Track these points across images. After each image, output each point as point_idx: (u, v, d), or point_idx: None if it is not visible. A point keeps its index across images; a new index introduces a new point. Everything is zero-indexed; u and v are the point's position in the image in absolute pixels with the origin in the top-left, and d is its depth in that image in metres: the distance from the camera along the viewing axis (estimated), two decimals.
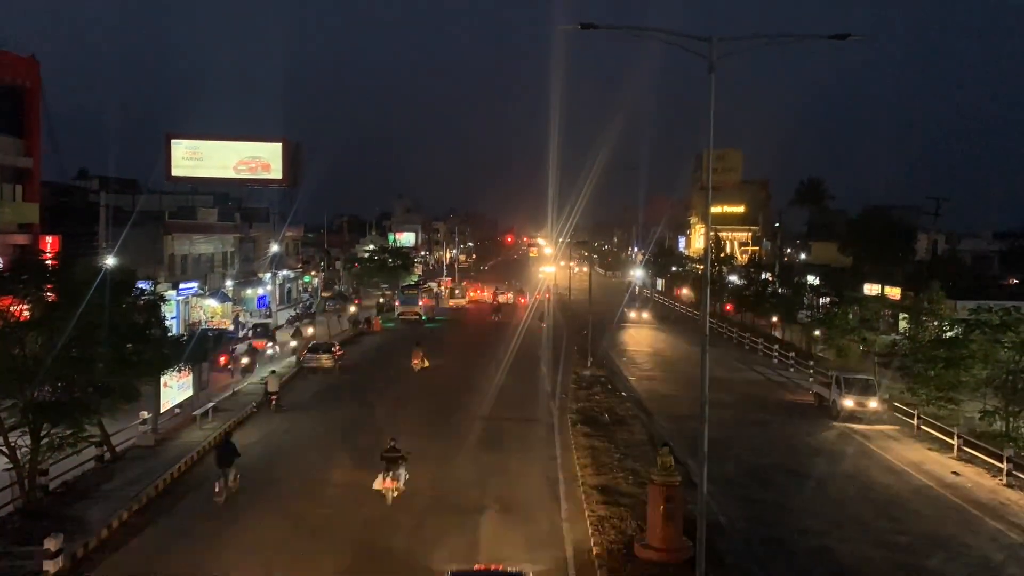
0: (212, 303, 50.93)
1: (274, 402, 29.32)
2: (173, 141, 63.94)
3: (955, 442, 24.65)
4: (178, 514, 18.52)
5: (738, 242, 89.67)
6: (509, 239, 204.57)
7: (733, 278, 66.23)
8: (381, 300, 66.03)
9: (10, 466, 18.22)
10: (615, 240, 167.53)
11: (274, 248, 61.97)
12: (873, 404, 29.18)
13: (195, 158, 64.60)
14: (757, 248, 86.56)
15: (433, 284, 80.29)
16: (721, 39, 13.80)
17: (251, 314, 56.00)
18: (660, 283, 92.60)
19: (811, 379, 35.18)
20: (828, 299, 45.40)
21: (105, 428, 21.42)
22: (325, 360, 36.97)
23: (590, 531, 17.04)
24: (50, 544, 14.70)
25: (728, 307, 59.97)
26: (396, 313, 60.70)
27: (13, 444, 17.97)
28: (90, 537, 16.31)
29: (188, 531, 17.43)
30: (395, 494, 18.95)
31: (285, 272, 66.65)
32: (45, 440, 18.24)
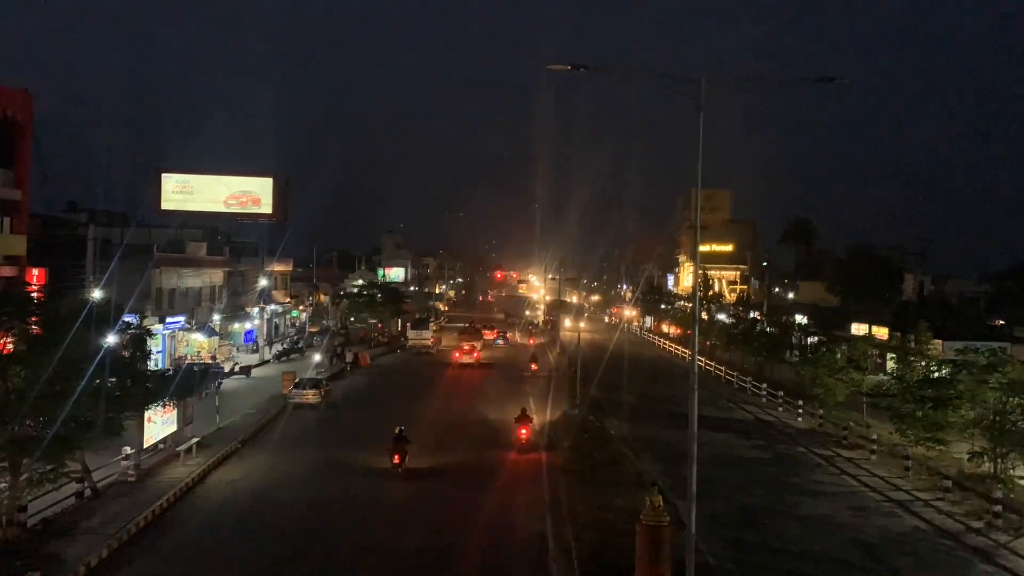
0: (199, 337, 50.62)
1: None
2: (163, 175, 63.88)
3: (944, 483, 24.53)
4: (158, 552, 18.17)
5: (726, 281, 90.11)
6: (499, 275, 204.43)
7: (722, 316, 66.41)
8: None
9: None
10: (604, 277, 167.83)
11: (262, 283, 61.81)
12: None
13: (185, 192, 64.52)
14: (745, 287, 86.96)
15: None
16: (710, 80, 13.95)
17: (238, 349, 55.65)
18: (649, 320, 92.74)
19: (799, 418, 35.01)
20: (816, 338, 45.51)
21: (86, 463, 21.10)
22: (311, 396, 36.67)
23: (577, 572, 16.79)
24: None
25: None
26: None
27: None
28: (68, 575, 15.98)
29: (167, 571, 17.08)
30: None
31: (273, 307, 66.41)
32: (25, 476, 17.94)
